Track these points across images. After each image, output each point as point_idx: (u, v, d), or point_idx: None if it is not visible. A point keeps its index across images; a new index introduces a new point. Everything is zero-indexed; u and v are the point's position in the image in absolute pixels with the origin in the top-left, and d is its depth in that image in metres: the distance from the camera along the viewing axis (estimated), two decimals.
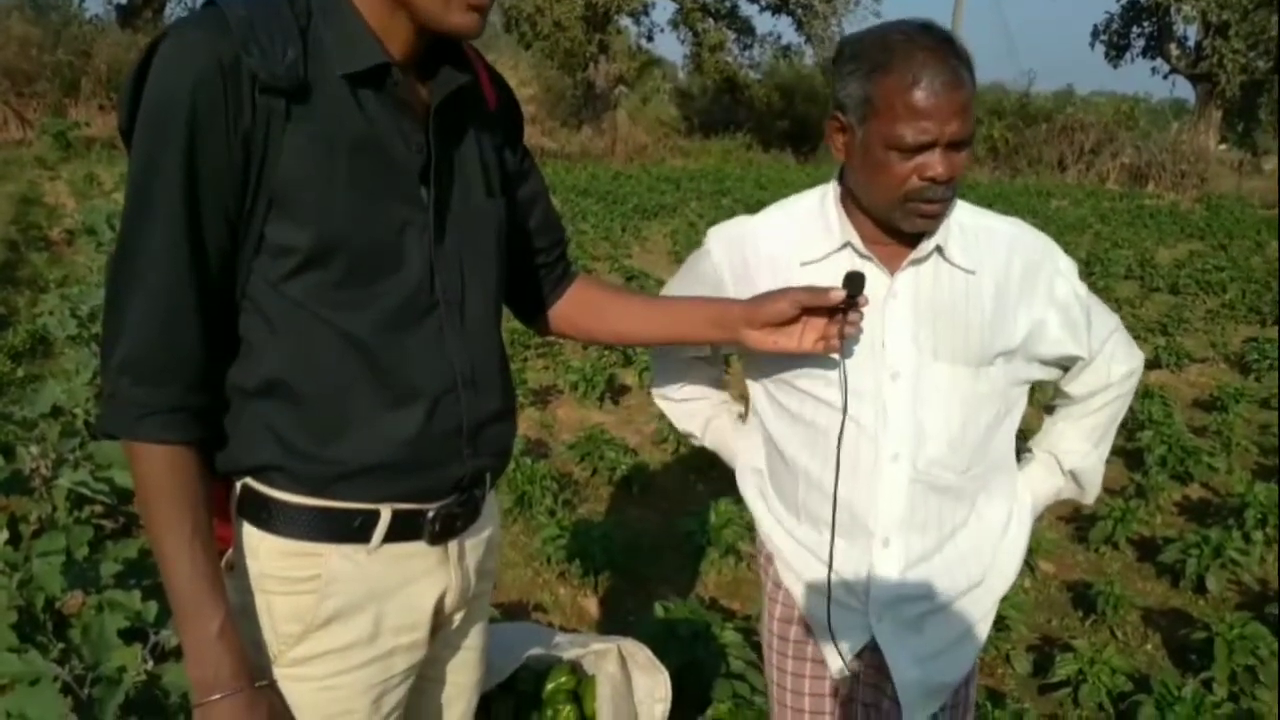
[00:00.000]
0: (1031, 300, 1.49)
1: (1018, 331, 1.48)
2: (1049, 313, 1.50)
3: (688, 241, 10.96)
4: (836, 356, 1.45)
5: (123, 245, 1.07)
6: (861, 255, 1.47)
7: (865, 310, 1.41)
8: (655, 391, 1.81)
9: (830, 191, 1.52)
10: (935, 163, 1.34)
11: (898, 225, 1.42)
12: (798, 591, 1.63)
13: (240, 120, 1.04)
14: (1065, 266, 1.53)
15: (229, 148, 1.05)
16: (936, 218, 1.41)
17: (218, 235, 1.08)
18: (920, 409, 1.47)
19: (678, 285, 1.66)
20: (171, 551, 1.10)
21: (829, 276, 1.43)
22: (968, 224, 1.49)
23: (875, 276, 1.45)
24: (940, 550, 1.54)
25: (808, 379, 1.50)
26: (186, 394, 1.10)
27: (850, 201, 1.48)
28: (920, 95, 1.30)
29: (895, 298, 1.46)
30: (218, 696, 1.11)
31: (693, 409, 1.78)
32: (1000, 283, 1.47)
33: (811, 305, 1.38)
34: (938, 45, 1.32)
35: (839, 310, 1.38)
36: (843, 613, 1.57)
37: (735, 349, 1.60)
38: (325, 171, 1.09)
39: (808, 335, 1.40)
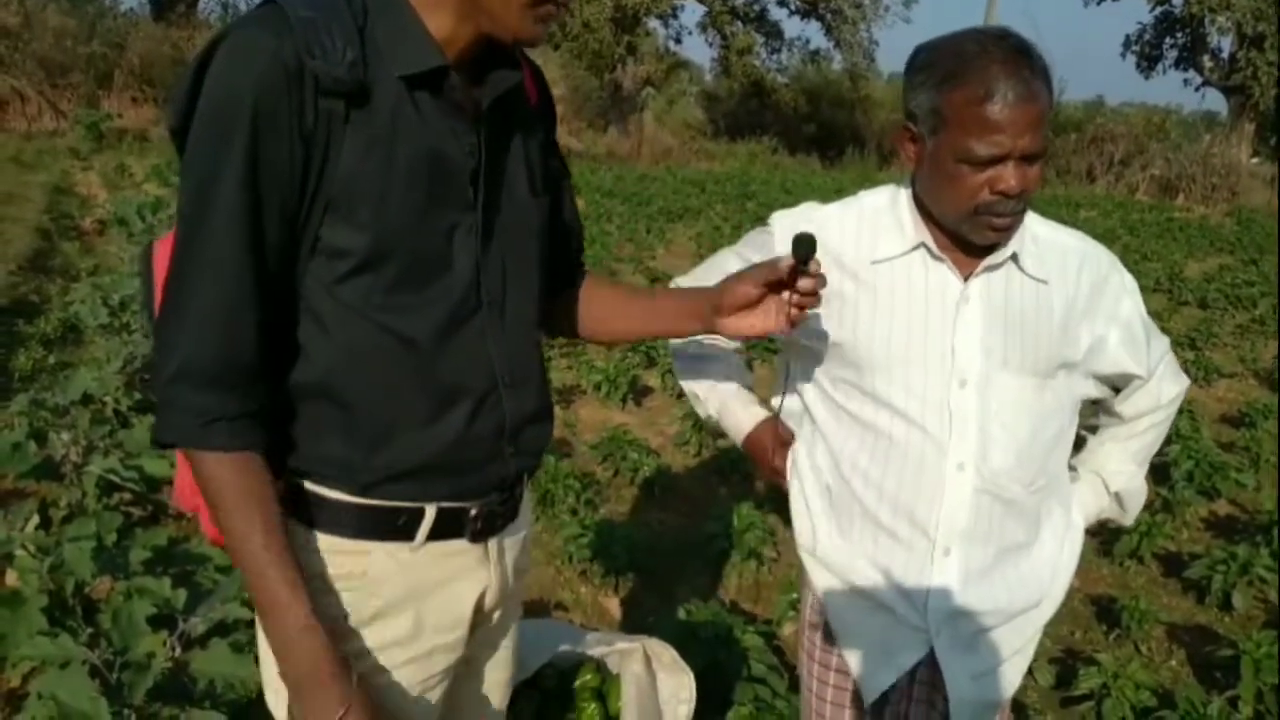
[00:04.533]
0: (1095, 316, 1.48)
1: (1080, 346, 1.48)
2: (1111, 329, 1.50)
3: (712, 244, 10.95)
4: (793, 333, 1.33)
5: (182, 248, 1.06)
6: (935, 257, 1.45)
7: (936, 314, 1.40)
8: (677, 365, 1.77)
9: (903, 193, 1.50)
10: (1007, 176, 1.31)
11: (967, 237, 1.40)
12: (839, 602, 1.60)
13: (303, 122, 1.04)
14: (1130, 285, 1.53)
15: (291, 150, 1.04)
16: (1007, 230, 1.39)
17: (278, 238, 1.07)
18: (987, 418, 1.45)
19: (737, 255, 1.60)
20: (249, 554, 1.08)
21: (902, 276, 1.42)
22: (1041, 235, 1.48)
23: (948, 280, 1.44)
24: (1000, 568, 1.52)
25: (873, 380, 1.48)
26: (247, 399, 1.08)
27: (923, 207, 1.46)
28: (992, 108, 1.27)
29: (967, 302, 1.44)
30: (314, 688, 1.09)
31: (706, 375, 1.73)
32: (1069, 296, 1.46)
33: (772, 280, 1.26)
34: (1013, 56, 1.29)
35: (795, 280, 1.24)
36: (899, 627, 1.54)
37: (793, 352, 1.59)
38: (382, 175, 1.08)
39: (779, 314, 1.28)
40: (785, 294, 1.26)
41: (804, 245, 1.20)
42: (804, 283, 1.23)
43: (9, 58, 18.17)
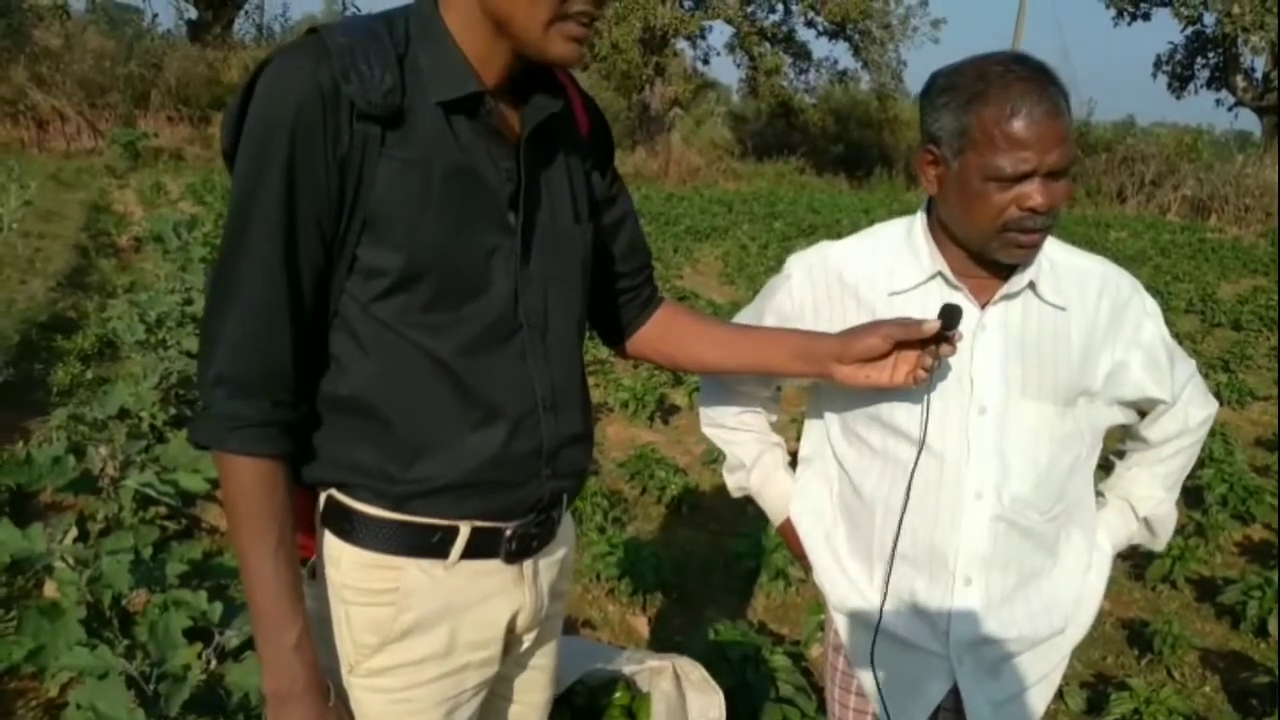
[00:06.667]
0: (1116, 341, 1.47)
1: (1100, 372, 1.47)
2: (1132, 354, 1.49)
3: (739, 263, 10.96)
4: (922, 389, 1.42)
5: (222, 262, 1.11)
6: (952, 286, 1.45)
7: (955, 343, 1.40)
8: (706, 418, 1.74)
9: (918, 222, 1.50)
10: (1034, 192, 1.32)
11: (994, 256, 1.40)
12: (865, 640, 1.58)
13: (338, 146, 1.08)
14: (1152, 308, 1.52)
15: (327, 172, 1.08)
16: (1035, 248, 1.39)
17: (313, 256, 1.11)
18: (1006, 446, 1.45)
19: (754, 311, 1.63)
20: (255, 563, 1.12)
21: (919, 307, 1.41)
22: (1059, 261, 1.47)
23: (965, 309, 1.43)
24: (1023, 594, 1.51)
25: (891, 412, 1.48)
26: (277, 408, 1.12)
27: (941, 232, 1.46)
28: (1019, 125, 1.29)
29: (985, 331, 1.44)
30: (291, 707, 1.14)
31: (744, 439, 1.72)
32: (1089, 322, 1.46)
33: (905, 339, 1.35)
34: (1034, 75, 1.31)
35: (930, 342, 1.35)
36: (923, 659, 1.53)
37: (823, 383, 1.56)
38: (418, 197, 1.11)
39: (899, 369, 1.37)
40: (915, 354, 1.35)
41: (954, 314, 1.32)
42: (945, 348, 1.34)
43: (50, 78, 18.56)
